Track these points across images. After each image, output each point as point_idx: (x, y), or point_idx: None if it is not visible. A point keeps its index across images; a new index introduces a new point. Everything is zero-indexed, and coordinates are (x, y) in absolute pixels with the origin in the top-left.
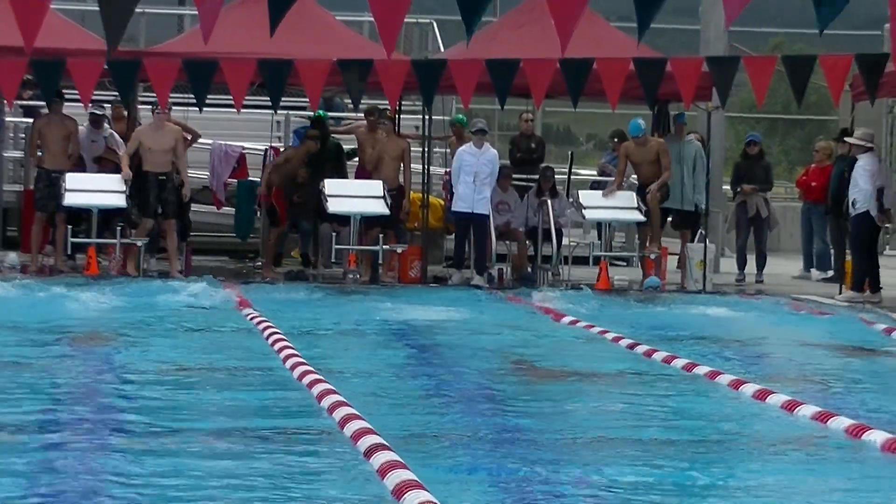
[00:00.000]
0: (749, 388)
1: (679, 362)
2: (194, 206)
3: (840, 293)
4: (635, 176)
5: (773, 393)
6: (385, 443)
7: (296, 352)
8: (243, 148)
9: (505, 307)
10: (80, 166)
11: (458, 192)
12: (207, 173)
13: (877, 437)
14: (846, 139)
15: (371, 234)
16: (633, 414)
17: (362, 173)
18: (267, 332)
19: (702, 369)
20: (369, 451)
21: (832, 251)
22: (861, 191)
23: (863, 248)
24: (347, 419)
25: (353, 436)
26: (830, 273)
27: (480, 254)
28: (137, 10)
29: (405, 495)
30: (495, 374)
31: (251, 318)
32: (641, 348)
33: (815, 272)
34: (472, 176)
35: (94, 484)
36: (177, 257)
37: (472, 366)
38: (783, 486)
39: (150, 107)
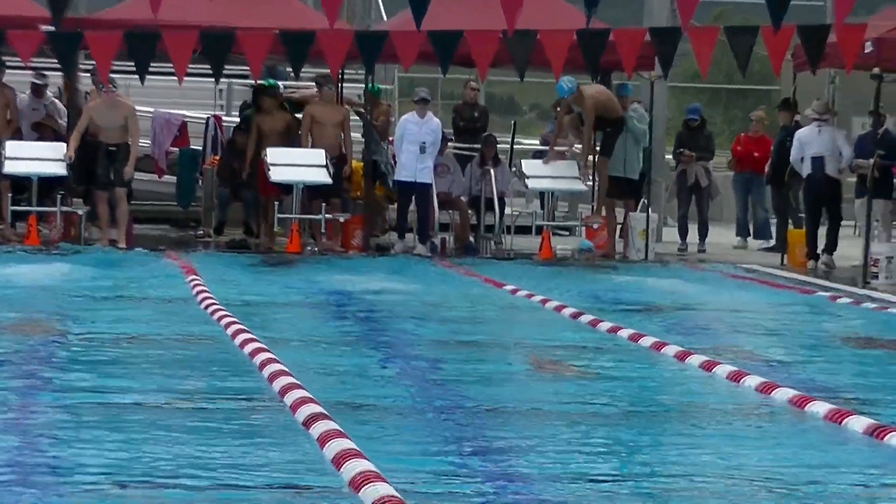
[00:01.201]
0: (695, 359)
1: (625, 332)
2: (136, 175)
3: (783, 263)
4: (579, 145)
5: (719, 364)
6: (325, 412)
7: (237, 321)
8: (185, 116)
9: (448, 276)
10: (18, 134)
11: (401, 161)
12: (149, 141)
13: (819, 407)
14: (807, 112)
15: (316, 203)
16: (578, 384)
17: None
18: (208, 301)
19: (647, 340)
20: (309, 421)
21: (772, 220)
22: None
23: (813, 213)
24: (288, 388)
25: (293, 405)
26: (772, 242)
27: (423, 223)
28: None
29: (345, 464)
30: (437, 344)
31: (193, 287)
32: (586, 318)
33: (753, 241)
34: (415, 145)
35: (29, 450)
36: (123, 226)
37: (413, 335)
38: (729, 456)
39: (89, 76)
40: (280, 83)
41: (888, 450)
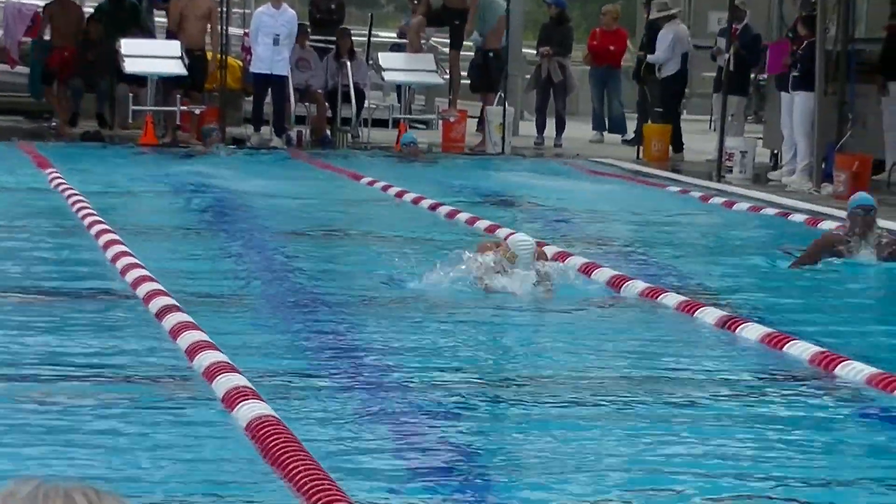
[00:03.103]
0: (547, 251)
1: (481, 224)
2: None
3: (638, 157)
4: (435, 39)
5: (571, 255)
6: (178, 304)
7: (93, 211)
8: (38, 6)
9: (304, 169)
10: None
11: (257, 53)
12: (1, 31)
13: (671, 300)
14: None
15: (173, 95)
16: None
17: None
18: (64, 192)
19: (502, 232)
20: (161, 313)
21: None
22: (662, 57)
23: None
24: (140, 280)
25: (145, 297)
26: (628, 136)
27: (279, 115)
28: None
29: (197, 356)
30: (293, 236)
31: (49, 178)
32: (443, 210)
33: (609, 135)
34: (270, 37)
35: None
36: None
37: (268, 227)
38: (577, 346)
39: None
40: None
41: (741, 342)
